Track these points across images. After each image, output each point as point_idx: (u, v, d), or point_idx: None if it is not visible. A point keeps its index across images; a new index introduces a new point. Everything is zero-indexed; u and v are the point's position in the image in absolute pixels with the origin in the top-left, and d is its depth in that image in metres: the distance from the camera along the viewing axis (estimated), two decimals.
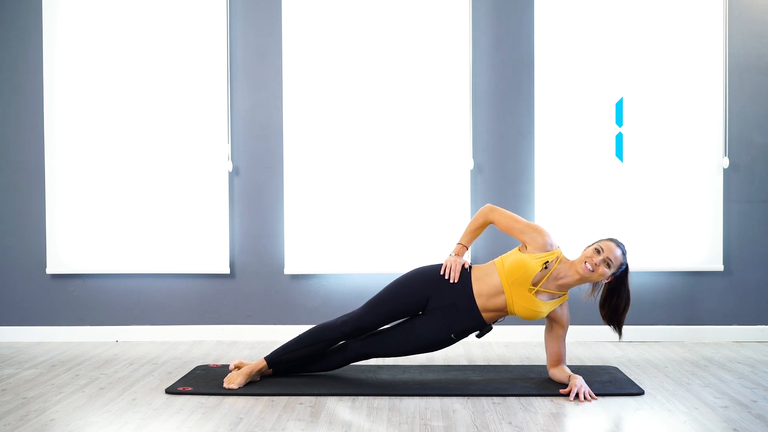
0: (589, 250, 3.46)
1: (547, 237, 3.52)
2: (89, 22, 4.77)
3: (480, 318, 3.53)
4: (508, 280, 3.47)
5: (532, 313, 3.49)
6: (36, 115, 4.81)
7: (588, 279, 3.46)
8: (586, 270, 3.41)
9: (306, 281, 4.80)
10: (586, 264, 3.41)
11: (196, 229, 4.76)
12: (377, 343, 3.58)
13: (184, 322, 4.80)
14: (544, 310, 3.49)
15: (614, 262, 3.42)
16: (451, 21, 4.69)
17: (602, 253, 3.42)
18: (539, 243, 3.51)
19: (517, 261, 3.48)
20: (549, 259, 3.46)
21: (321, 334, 3.56)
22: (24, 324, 4.82)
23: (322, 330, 3.57)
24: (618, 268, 3.46)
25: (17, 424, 3.03)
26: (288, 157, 4.75)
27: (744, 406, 3.25)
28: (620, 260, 3.45)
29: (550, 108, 4.68)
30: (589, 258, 3.42)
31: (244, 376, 3.52)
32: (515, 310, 3.50)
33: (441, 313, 3.54)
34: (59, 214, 4.78)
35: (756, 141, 4.69)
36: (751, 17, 4.68)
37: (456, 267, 3.54)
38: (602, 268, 3.41)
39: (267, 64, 4.81)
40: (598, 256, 3.42)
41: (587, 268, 3.41)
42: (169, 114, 4.77)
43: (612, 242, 3.47)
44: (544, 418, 3.08)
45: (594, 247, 3.46)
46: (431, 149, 4.71)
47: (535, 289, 3.46)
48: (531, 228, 3.54)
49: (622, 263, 3.46)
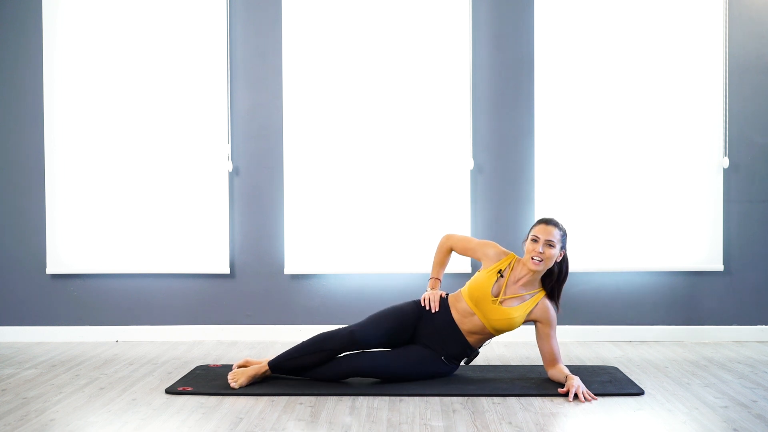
0: (528, 243, 3.52)
1: (496, 246, 3.66)
2: (89, 22, 4.77)
3: (465, 342, 3.62)
4: (473, 300, 3.57)
5: (508, 322, 3.54)
6: (36, 115, 4.81)
7: (544, 268, 3.51)
8: (535, 264, 3.48)
9: (306, 281, 4.80)
10: (533, 259, 3.48)
11: (196, 229, 4.76)
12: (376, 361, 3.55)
13: (184, 322, 4.80)
14: (517, 315, 3.53)
15: (555, 239, 3.48)
16: (451, 21, 4.69)
17: (540, 240, 3.48)
18: (491, 255, 3.63)
19: (474, 280, 3.61)
20: (501, 268, 3.56)
21: (321, 344, 3.55)
22: (24, 324, 4.82)
23: (322, 341, 3.56)
24: (562, 241, 3.52)
25: (17, 424, 3.03)
26: (288, 157, 4.75)
27: (744, 406, 3.25)
28: (559, 234, 3.51)
29: (550, 108, 4.68)
30: (532, 251, 3.48)
31: (247, 377, 3.53)
32: (494, 326, 3.56)
33: (429, 340, 3.62)
34: (59, 214, 4.78)
35: (756, 141, 4.69)
36: (751, 17, 4.68)
37: (434, 298, 3.66)
38: (548, 251, 3.47)
39: (267, 64, 4.81)
40: (537, 245, 3.48)
41: (535, 261, 3.48)
42: (169, 114, 4.77)
43: (542, 223, 3.54)
44: (544, 418, 3.08)
45: (530, 238, 3.52)
46: (431, 149, 4.71)
47: (499, 299, 3.53)
48: (482, 244, 3.69)
49: (562, 234, 3.52)
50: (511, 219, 4.74)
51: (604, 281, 4.72)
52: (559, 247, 3.51)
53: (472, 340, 3.61)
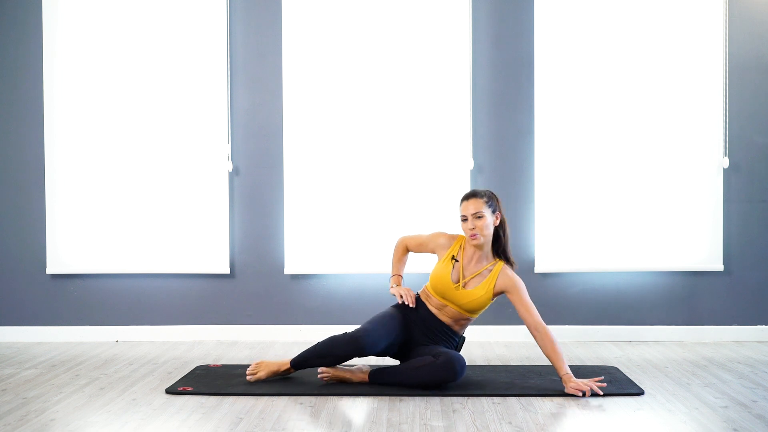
0: (461, 223, 3.57)
1: (445, 233, 3.72)
2: (89, 22, 4.77)
3: (452, 331, 3.65)
4: (438, 293, 3.62)
5: (478, 302, 3.57)
6: (36, 115, 4.81)
7: (486, 240, 3.55)
8: (475, 240, 3.54)
9: (306, 281, 4.80)
10: (470, 237, 3.54)
11: (196, 229, 4.76)
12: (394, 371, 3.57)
13: (184, 322, 4.80)
14: (483, 293, 3.56)
15: (481, 209, 3.52)
16: (451, 20, 4.69)
17: (468, 217, 3.53)
18: (442, 243, 3.69)
19: (434, 273, 3.66)
20: (454, 253, 3.62)
21: (329, 349, 3.53)
22: (24, 324, 4.82)
23: (330, 345, 3.53)
24: (490, 206, 3.55)
25: (17, 424, 3.03)
26: (288, 157, 4.75)
27: (744, 406, 3.25)
28: (483, 202, 3.53)
29: (550, 108, 4.68)
30: (466, 230, 3.54)
31: (268, 371, 3.58)
32: (467, 309, 3.59)
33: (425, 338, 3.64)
34: (59, 214, 4.78)
35: (756, 141, 4.69)
36: (751, 17, 4.68)
37: (406, 292, 3.69)
38: (479, 223, 3.52)
39: (267, 64, 4.81)
40: (468, 222, 3.54)
41: (474, 237, 3.53)
42: (168, 114, 4.77)
43: (464, 200, 3.58)
44: (544, 418, 3.08)
45: (460, 218, 3.57)
46: (431, 149, 4.71)
47: (461, 284, 3.57)
48: (432, 236, 3.75)
49: (487, 200, 3.55)
50: (511, 219, 4.73)
51: (604, 281, 4.72)
52: (490, 212, 3.55)
53: (457, 327, 3.66)
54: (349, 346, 3.49)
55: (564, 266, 4.68)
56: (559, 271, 4.69)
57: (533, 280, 4.71)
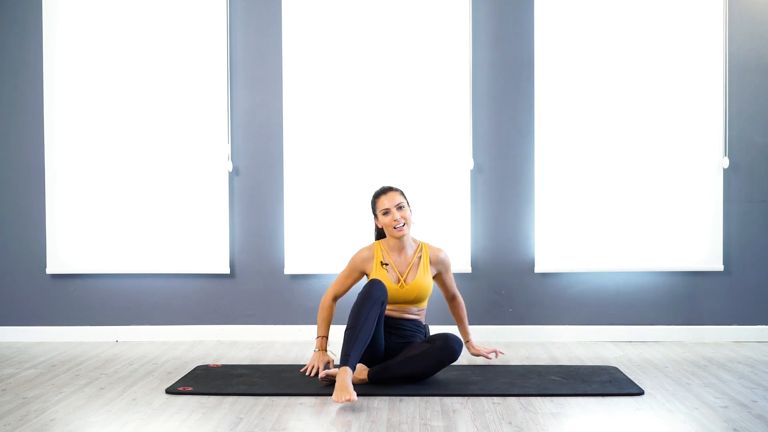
0: (382, 219, 3.64)
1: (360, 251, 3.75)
2: (89, 22, 4.77)
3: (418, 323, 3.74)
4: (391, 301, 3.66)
5: (426, 288, 3.69)
6: (36, 115, 4.81)
7: (409, 229, 3.66)
8: (401, 231, 3.63)
9: (306, 281, 4.80)
10: (396, 228, 3.62)
11: (196, 229, 4.76)
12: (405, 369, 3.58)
13: (184, 322, 4.80)
14: (425, 278, 3.68)
15: (401, 200, 3.66)
16: (451, 21, 4.69)
17: (390, 210, 3.62)
18: (365, 256, 3.74)
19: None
20: (380, 259, 3.71)
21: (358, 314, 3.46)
22: (24, 324, 4.82)
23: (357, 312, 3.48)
24: (404, 197, 3.70)
25: (17, 424, 3.03)
26: (288, 157, 4.75)
27: (744, 406, 3.25)
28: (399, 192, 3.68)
29: (550, 108, 4.68)
30: (391, 222, 3.62)
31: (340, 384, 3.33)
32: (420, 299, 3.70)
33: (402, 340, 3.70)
34: (59, 214, 4.78)
35: (756, 141, 4.69)
36: (751, 17, 4.68)
37: (315, 365, 3.67)
38: (403, 213, 3.64)
39: (267, 64, 4.81)
40: (391, 214, 3.62)
41: (399, 228, 3.62)
42: (169, 114, 4.77)
43: (382, 195, 3.69)
44: (544, 418, 3.08)
45: (380, 213, 3.65)
46: (431, 149, 4.71)
47: (402, 281, 3.66)
48: (352, 261, 3.78)
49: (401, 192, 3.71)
50: (511, 219, 4.74)
51: (604, 281, 4.72)
52: (406, 202, 3.69)
53: (421, 318, 3.76)
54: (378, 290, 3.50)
55: (564, 266, 4.68)
56: (559, 271, 4.69)
57: (533, 280, 4.72)
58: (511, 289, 4.72)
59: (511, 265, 4.73)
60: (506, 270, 4.72)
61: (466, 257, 4.68)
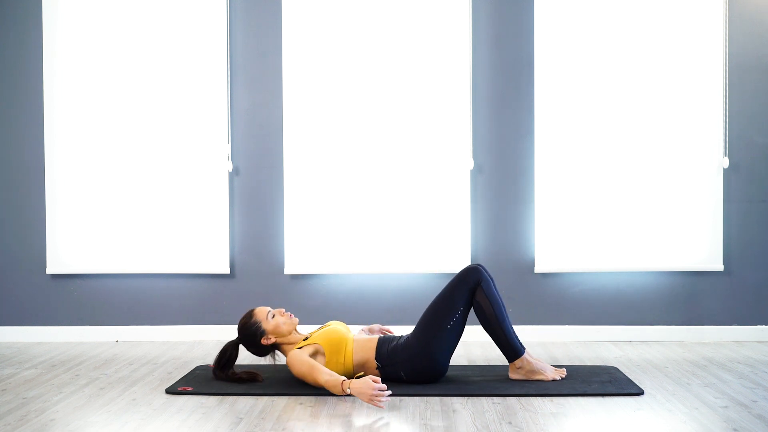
0: (278, 318, 3.60)
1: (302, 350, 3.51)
2: (89, 22, 4.77)
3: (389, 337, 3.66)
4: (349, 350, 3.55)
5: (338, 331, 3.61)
6: (36, 115, 4.81)
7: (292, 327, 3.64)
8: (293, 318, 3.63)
9: (306, 281, 4.80)
10: (291, 318, 3.62)
11: (196, 229, 4.76)
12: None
13: (184, 322, 4.80)
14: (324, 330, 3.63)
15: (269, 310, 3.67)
16: (451, 21, 4.69)
17: (273, 311, 3.62)
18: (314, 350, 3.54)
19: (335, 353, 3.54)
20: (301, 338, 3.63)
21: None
22: (24, 324, 4.82)
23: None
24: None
25: (17, 424, 3.03)
26: (288, 157, 4.75)
27: (744, 406, 3.25)
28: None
29: (550, 108, 4.68)
30: (284, 316, 3.61)
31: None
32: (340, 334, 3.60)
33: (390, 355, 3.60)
34: (59, 214, 4.78)
35: (756, 141, 4.69)
36: (751, 17, 4.68)
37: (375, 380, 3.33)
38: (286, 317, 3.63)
39: (267, 64, 4.81)
40: (278, 312, 3.62)
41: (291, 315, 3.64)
42: (168, 114, 4.77)
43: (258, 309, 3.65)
44: (544, 418, 3.08)
45: (267, 317, 3.60)
46: (431, 149, 4.71)
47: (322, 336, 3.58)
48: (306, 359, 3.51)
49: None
50: (511, 219, 4.74)
51: (604, 281, 4.73)
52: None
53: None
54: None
55: (564, 266, 4.68)
56: (559, 271, 4.69)
57: (533, 280, 4.72)
58: (511, 289, 4.72)
59: (511, 265, 4.73)
60: (506, 270, 4.72)
61: (466, 257, 4.68)
